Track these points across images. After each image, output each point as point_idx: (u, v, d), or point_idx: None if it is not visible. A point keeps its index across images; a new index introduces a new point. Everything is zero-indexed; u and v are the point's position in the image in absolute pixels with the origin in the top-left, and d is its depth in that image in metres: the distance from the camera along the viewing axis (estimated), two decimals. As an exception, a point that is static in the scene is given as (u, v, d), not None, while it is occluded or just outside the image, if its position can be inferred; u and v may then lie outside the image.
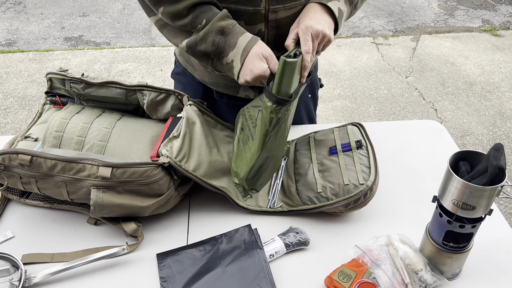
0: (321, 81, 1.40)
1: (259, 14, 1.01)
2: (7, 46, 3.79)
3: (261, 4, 1.00)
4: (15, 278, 0.87)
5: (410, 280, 0.86)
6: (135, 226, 0.96)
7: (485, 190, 0.75)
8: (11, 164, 0.91)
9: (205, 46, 0.97)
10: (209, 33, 0.96)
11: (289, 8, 1.02)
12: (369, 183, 0.98)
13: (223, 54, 0.97)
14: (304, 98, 1.35)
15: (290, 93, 0.92)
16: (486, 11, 4.47)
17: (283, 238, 0.96)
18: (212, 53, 0.98)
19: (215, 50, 0.97)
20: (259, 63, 0.95)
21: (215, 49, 0.97)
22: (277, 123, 0.94)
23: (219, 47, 0.97)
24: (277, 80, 0.89)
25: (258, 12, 1.01)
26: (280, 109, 0.92)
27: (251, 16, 1.02)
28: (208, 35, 0.96)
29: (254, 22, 1.03)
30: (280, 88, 0.90)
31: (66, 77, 1.10)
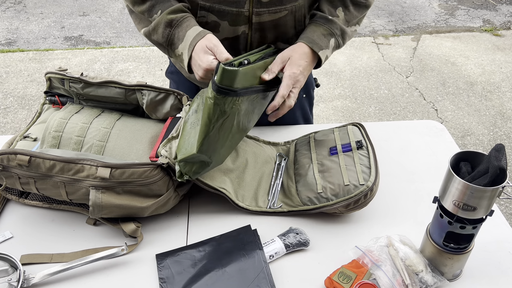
0: (316, 81, 1.40)
1: (242, 16, 1.02)
2: (7, 46, 3.79)
3: (245, 6, 1.01)
4: (14, 278, 0.87)
5: (411, 281, 0.85)
6: (134, 227, 0.95)
7: (486, 191, 0.74)
8: (10, 165, 0.91)
9: (157, 37, 1.00)
10: (159, 24, 0.99)
11: (274, 12, 1.04)
12: (369, 183, 0.97)
13: (173, 46, 1.00)
14: (299, 99, 1.34)
15: (235, 87, 0.86)
16: (487, 11, 4.46)
17: (283, 239, 0.95)
18: (165, 44, 1.01)
19: (165, 42, 1.00)
20: (204, 56, 0.95)
21: (165, 40, 1.00)
22: (220, 115, 0.87)
23: (168, 39, 0.99)
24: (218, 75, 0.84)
25: (242, 13, 1.02)
26: (223, 99, 0.85)
27: (235, 17, 1.03)
28: (158, 26, 0.99)
29: (238, 24, 1.04)
30: (222, 80, 0.84)
31: (65, 76, 1.09)
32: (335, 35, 1.06)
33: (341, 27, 1.07)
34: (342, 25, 1.07)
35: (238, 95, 0.87)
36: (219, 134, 0.91)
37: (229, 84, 0.85)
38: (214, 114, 0.87)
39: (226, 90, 0.85)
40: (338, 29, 1.06)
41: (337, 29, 1.06)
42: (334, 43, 1.06)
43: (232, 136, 0.97)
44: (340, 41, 1.08)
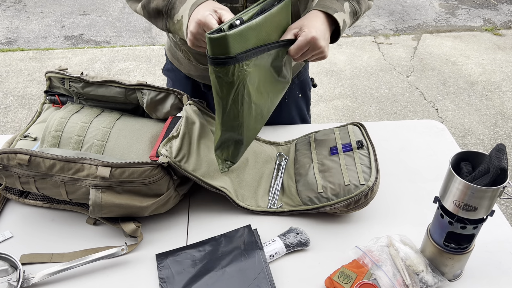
0: (313, 81, 1.37)
1: (237, 11, 1.01)
2: (7, 45, 3.79)
3: (238, 1, 1.00)
4: (14, 278, 0.87)
5: (411, 281, 0.85)
6: (134, 226, 0.95)
7: (487, 191, 0.74)
8: (10, 164, 0.91)
9: (157, 2, 0.94)
10: None
11: None
12: (370, 183, 0.97)
13: (174, 10, 0.92)
14: (295, 98, 1.34)
15: (233, 53, 0.78)
16: (487, 10, 4.46)
17: (283, 239, 0.95)
18: (164, 9, 0.93)
19: (166, 6, 0.93)
20: (203, 10, 0.84)
21: (166, 3, 0.93)
22: (228, 87, 0.81)
23: (170, 2, 0.92)
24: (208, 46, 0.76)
25: (236, 9, 1.01)
26: (222, 70, 0.78)
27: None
28: None
29: None
30: (213, 50, 0.77)
31: (65, 76, 1.09)
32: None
33: None
34: None
35: (239, 61, 0.79)
36: (236, 106, 0.84)
37: (223, 52, 0.76)
38: (221, 88, 0.81)
39: (222, 59, 0.77)
40: None
41: None
42: (349, 7, 1.00)
43: (255, 103, 0.90)
44: (356, 6, 1.02)
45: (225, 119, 0.86)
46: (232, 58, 0.77)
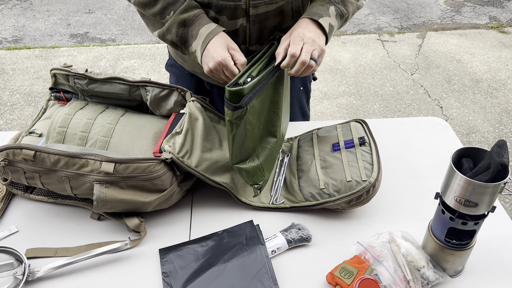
0: (314, 74, 1.39)
1: (240, 9, 1.03)
2: (14, 43, 3.81)
3: (241, 0, 1.01)
4: (19, 272, 0.88)
5: (412, 277, 0.85)
6: (138, 222, 0.96)
7: (488, 187, 0.74)
8: (15, 159, 0.92)
9: (171, 36, 1.03)
10: (172, 25, 1.01)
11: (270, 3, 1.05)
12: (371, 179, 0.97)
13: (187, 44, 1.02)
14: (296, 91, 1.35)
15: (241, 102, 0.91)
16: (493, 7, 4.43)
17: (285, 234, 0.96)
18: (179, 43, 1.03)
19: (179, 41, 1.02)
20: (222, 51, 0.97)
21: (179, 39, 1.02)
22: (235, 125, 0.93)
23: (182, 38, 1.02)
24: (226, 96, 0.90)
25: (239, 7, 1.03)
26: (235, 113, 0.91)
27: (232, 11, 1.05)
28: (171, 26, 1.01)
29: (236, 17, 1.05)
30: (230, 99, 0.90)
31: (70, 72, 1.10)
32: (334, 2, 1.05)
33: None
34: None
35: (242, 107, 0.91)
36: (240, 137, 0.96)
37: (237, 101, 0.90)
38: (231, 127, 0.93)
39: (237, 106, 0.90)
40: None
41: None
42: (335, 10, 1.05)
43: (257, 127, 1.01)
44: (342, 8, 1.07)
45: (234, 149, 0.97)
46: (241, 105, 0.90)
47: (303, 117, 1.43)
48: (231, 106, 0.90)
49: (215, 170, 1.01)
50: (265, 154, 1.06)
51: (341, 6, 1.07)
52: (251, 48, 1.13)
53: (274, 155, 1.10)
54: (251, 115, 0.96)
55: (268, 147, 1.08)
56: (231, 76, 0.97)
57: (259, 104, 0.98)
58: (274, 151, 1.10)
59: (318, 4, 1.05)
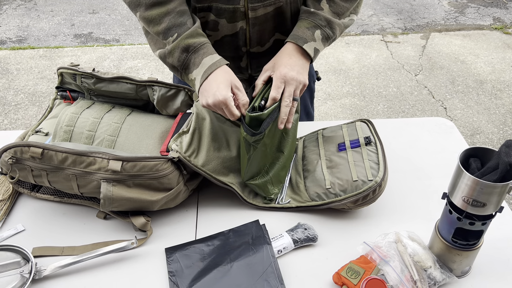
0: (317, 74, 1.39)
1: (239, 12, 1.03)
2: (18, 43, 3.83)
3: (240, 2, 1.02)
4: (26, 270, 0.88)
5: (419, 277, 0.85)
6: (144, 220, 0.96)
7: (496, 187, 0.74)
8: (23, 157, 0.92)
9: (172, 60, 0.99)
10: (176, 49, 0.97)
11: (268, 5, 1.05)
12: (378, 179, 0.97)
13: (188, 71, 0.99)
14: None
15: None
16: (497, 8, 4.42)
17: (291, 234, 0.96)
18: (179, 68, 0.99)
19: (181, 66, 0.99)
20: (225, 89, 0.93)
21: (181, 64, 0.98)
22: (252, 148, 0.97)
23: (184, 64, 0.98)
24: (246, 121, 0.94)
25: (238, 10, 1.03)
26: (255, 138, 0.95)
27: (232, 14, 1.04)
28: (174, 50, 0.97)
29: (235, 20, 1.05)
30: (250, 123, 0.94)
31: (77, 72, 1.10)
32: (320, 26, 1.03)
33: (326, 18, 1.04)
34: (327, 16, 1.05)
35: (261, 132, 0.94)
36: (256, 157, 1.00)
37: (257, 125, 0.94)
38: (247, 149, 0.97)
39: (258, 132, 0.94)
40: (322, 20, 1.04)
41: (321, 20, 1.04)
42: (321, 34, 1.04)
43: (269, 146, 1.03)
44: (328, 31, 1.05)
45: (248, 168, 1.00)
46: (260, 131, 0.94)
47: (307, 117, 1.43)
48: (250, 131, 0.93)
49: (221, 169, 1.01)
50: (274, 169, 1.08)
51: (327, 29, 1.04)
52: (252, 50, 1.13)
53: (284, 169, 1.10)
54: (266, 137, 0.98)
55: (277, 163, 1.09)
56: (230, 116, 0.94)
57: (273, 127, 0.99)
58: (284, 166, 1.10)
59: (303, 27, 1.03)
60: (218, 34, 1.09)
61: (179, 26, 0.97)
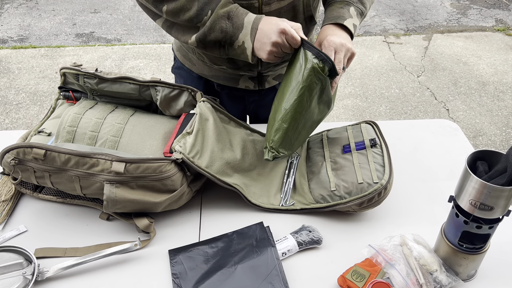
0: None
1: (253, 7, 1.03)
2: (19, 42, 3.82)
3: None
4: (28, 272, 0.87)
5: (425, 280, 0.85)
6: (148, 222, 0.96)
7: (504, 191, 0.73)
8: (25, 158, 0.92)
9: (215, 35, 0.97)
10: (216, 21, 0.96)
11: (282, 0, 1.04)
12: (383, 181, 0.96)
13: (233, 38, 0.98)
14: None
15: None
16: (499, 10, 4.41)
17: (295, 236, 0.95)
18: (223, 40, 0.98)
19: (225, 36, 0.97)
20: (278, 21, 0.94)
21: (225, 35, 0.97)
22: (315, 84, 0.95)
23: (228, 33, 0.97)
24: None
25: (252, 5, 1.03)
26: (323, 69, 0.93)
27: (246, 9, 1.03)
28: (215, 23, 0.96)
29: None
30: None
31: (80, 72, 1.10)
32: (352, 3, 1.06)
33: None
34: None
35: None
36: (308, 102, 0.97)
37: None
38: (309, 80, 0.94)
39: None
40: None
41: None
42: (355, 10, 1.06)
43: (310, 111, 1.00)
44: (361, 7, 1.08)
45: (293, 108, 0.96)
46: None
47: None
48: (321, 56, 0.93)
49: (225, 170, 1.00)
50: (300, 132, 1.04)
51: (359, 5, 1.07)
52: None
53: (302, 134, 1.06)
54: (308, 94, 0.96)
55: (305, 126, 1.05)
56: (295, 44, 0.94)
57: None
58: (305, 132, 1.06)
59: (337, 8, 1.05)
60: None
61: (209, 4, 0.97)
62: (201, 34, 0.98)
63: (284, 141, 0.99)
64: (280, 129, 0.97)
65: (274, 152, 0.99)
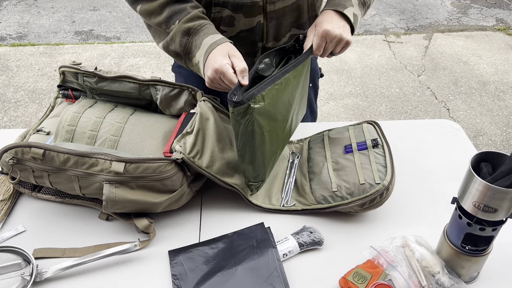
0: (321, 71, 1.39)
1: (257, 7, 1.02)
2: (18, 40, 3.80)
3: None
4: (27, 272, 0.86)
5: (427, 282, 0.84)
6: (147, 222, 0.95)
7: (508, 193, 0.73)
8: (24, 158, 0.91)
9: (174, 46, 0.97)
10: (176, 34, 0.96)
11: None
12: (385, 182, 0.96)
13: (191, 55, 0.97)
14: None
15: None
16: (500, 9, 4.40)
17: (296, 238, 0.94)
18: (182, 53, 0.98)
19: (183, 51, 0.97)
20: (220, 58, 0.90)
21: (183, 49, 0.97)
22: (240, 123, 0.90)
23: (186, 48, 0.96)
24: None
25: (256, 4, 1.02)
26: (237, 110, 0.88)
27: (250, 8, 1.03)
28: (175, 35, 0.96)
29: (253, 14, 1.04)
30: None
31: (79, 70, 1.09)
32: None
33: None
34: None
35: (245, 102, 0.86)
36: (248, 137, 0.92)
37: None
38: (235, 124, 0.89)
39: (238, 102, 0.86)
40: None
41: None
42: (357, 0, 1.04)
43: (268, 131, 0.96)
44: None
45: (240, 148, 0.94)
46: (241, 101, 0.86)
47: (311, 114, 1.43)
48: (232, 102, 0.86)
49: (226, 171, 0.99)
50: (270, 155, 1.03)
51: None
52: (267, 45, 1.11)
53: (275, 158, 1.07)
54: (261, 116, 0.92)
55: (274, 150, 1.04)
56: (230, 84, 0.89)
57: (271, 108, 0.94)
58: (277, 155, 1.07)
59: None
60: (234, 30, 1.07)
61: (179, 13, 0.97)
62: (165, 42, 0.99)
63: (255, 171, 0.99)
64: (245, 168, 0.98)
65: (252, 183, 1.01)
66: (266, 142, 0.97)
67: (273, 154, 1.04)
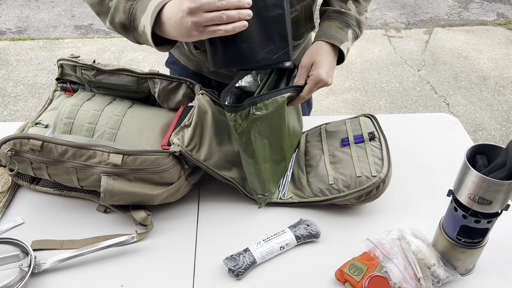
0: None
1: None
2: (18, 34, 3.80)
3: None
4: (25, 264, 0.87)
5: (423, 274, 0.84)
6: (145, 215, 0.95)
7: (503, 185, 0.73)
8: (22, 149, 0.91)
9: (119, 16, 0.87)
10: (120, 1, 0.86)
11: None
12: (382, 175, 0.96)
13: (136, 21, 0.85)
14: None
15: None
16: (501, 4, 4.39)
17: (293, 230, 0.95)
18: (127, 22, 0.86)
19: (128, 18, 0.86)
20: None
21: (127, 16, 0.86)
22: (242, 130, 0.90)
23: (130, 13, 0.85)
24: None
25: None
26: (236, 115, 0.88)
27: None
28: (119, 3, 0.86)
29: None
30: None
31: (78, 63, 1.09)
32: (351, 26, 1.04)
33: (356, 17, 1.05)
34: (356, 16, 1.06)
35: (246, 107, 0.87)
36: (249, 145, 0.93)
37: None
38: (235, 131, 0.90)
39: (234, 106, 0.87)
40: (353, 20, 1.05)
41: (352, 19, 1.05)
42: (352, 34, 1.04)
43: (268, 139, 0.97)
44: (357, 31, 1.06)
45: (243, 156, 0.95)
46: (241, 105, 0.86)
47: (308, 106, 1.43)
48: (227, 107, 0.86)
49: (223, 164, 0.99)
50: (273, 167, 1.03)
51: (357, 28, 1.05)
52: None
53: (281, 170, 1.08)
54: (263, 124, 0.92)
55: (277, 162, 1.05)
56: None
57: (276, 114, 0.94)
58: (281, 167, 1.07)
59: (336, 27, 1.03)
60: None
61: None
62: (110, 16, 0.89)
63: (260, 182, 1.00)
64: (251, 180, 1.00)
65: (261, 196, 1.02)
66: (266, 150, 0.98)
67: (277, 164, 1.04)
